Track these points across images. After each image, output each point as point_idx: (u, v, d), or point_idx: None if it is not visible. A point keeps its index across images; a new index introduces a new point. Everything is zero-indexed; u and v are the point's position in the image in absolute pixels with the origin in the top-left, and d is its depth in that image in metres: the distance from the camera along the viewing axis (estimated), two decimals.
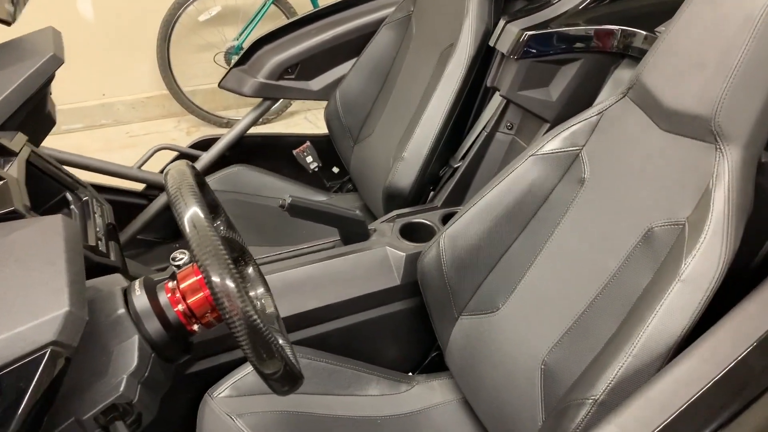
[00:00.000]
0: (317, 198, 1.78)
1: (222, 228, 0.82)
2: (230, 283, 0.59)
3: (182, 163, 0.70)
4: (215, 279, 0.59)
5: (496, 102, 1.37)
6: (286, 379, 0.66)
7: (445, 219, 1.32)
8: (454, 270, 1.09)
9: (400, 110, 1.51)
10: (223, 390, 1.05)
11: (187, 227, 0.61)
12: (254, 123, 1.79)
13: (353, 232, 1.25)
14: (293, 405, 1.06)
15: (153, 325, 0.67)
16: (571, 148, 1.01)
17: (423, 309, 1.18)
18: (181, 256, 0.85)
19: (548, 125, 1.22)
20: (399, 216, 1.33)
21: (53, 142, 3.01)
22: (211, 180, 1.70)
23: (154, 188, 1.77)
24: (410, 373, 1.28)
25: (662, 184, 0.88)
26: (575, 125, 1.01)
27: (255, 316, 0.60)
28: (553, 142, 1.02)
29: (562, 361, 0.93)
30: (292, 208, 1.16)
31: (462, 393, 1.14)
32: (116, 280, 0.72)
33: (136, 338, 0.66)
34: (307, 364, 1.11)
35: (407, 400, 1.15)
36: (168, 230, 1.76)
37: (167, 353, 0.68)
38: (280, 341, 0.75)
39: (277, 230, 1.52)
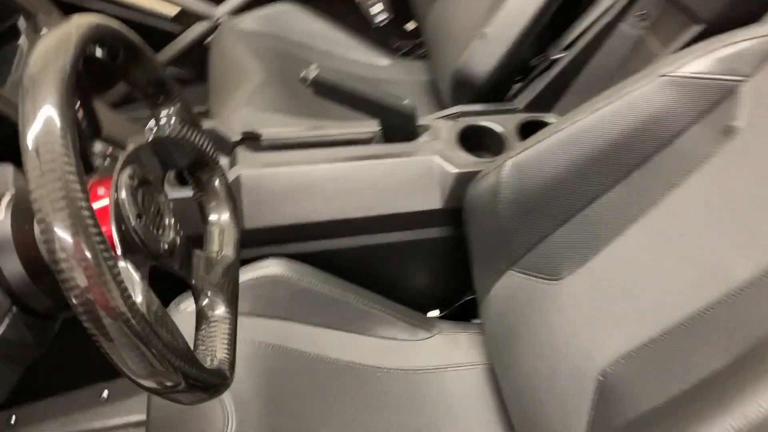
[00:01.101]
0: (378, 62, 1.49)
1: (173, 120, 0.58)
2: (87, 251, 0.36)
3: (79, 21, 0.44)
4: (62, 236, 0.36)
5: None
6: (195, 392, 0.45)
7: (525, 129, 1.02)
8: (513, 210, 0.83)
9: None
10: (190, 303, 0.87)
11: (29, 145, 0.37)
12: None
13: (397, 128, 0.98)
14: (277, 336, 0.88)
15: (12, 266, 0.46)
16: (727, 77, 0.68)
17: (465, 241, 0.93)
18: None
19: (700, 28, 0.86)
20: (464, 114, 1.04)
21: None
22: (251, 18, 1.42)
23: (190, 14, 1.52)
24: (436, 311, 1.07)
25: None
26: (741, 42, 0.68)
27: (132, 320, 0.38)
28: (701, 62, 0.70)
29: (630, 380, 0.68)
30: (318, 85, 0.90)
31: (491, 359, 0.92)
32: None
33: None
34: (305, 289, 0.91)
35: (422, 352, 0.95)
36: (198, 69, 1.53)
37: (37, 306, 0.48)
38: (220, 311, 0.54)
39: (316, 98, 1.27)
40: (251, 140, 0.97)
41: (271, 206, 0.90)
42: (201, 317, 0.54)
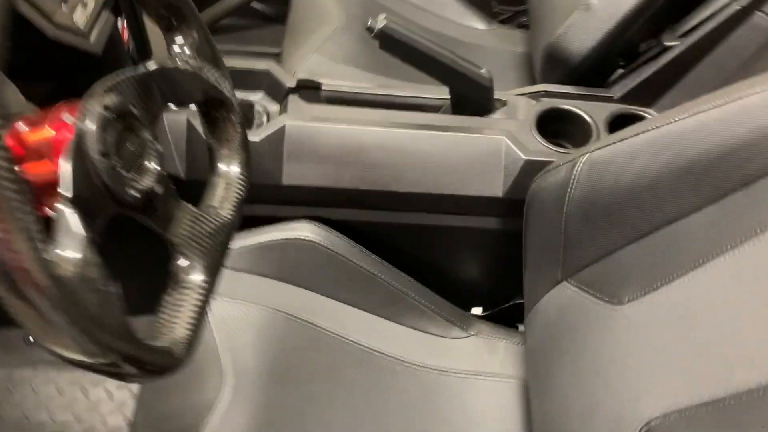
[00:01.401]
0: (473, 25, 1.37)
1: (187, 51, 0.51)
2: None
3: None
4: None
5: None
6: (134, 373, 0.39)
7: (618, 122, 0.89)
8: (581, 213, 0.72)
9: None
10: None
11: None
12: None
13: (469, 99, 0.88)
14: (295, 306, 0.82)
15: None
16: None
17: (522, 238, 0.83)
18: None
19: None
20: (549, 94, 0.92)
21: None
22: None
23: None
24: (478, 309, 0.97)
25: None
26: None
27: (43, 283, 0.31)
28: None
29: None
30: (384, 37, 0.81)
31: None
32: None
33: None
34: (336, 260, 0.84)
35: (453, 352, 0.86)
36: (284, 7, 1.46)
37: None
38: (196, 277, 0.47)
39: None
40: (308, 89, 0.90)
41: (313, 164, 0.83)
42: (173, 280, 0.47)
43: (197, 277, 0.47)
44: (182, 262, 0.47)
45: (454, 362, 0.85)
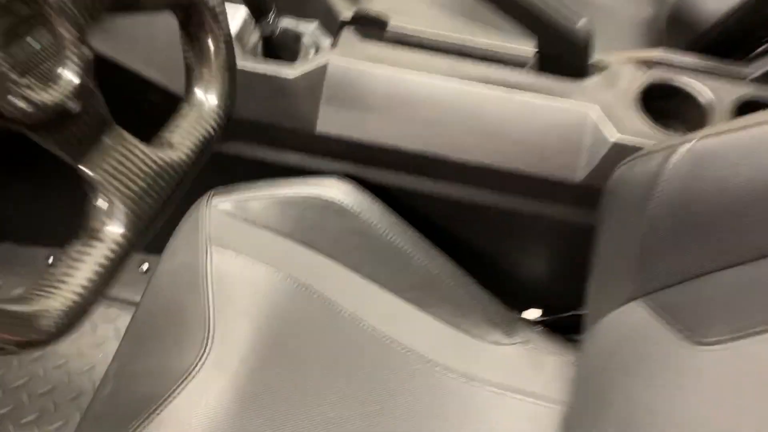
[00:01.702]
0: None
1: None
2: None
3: None
4: None
5: None
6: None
7: (746, 109, 0.71)
8: (669, 218, 0.56)
9: None
10: (225, 200, 0.72)
11: None
12: None
13: (560, 57, 0.72)
14: (310, 274, 0.71)
15: None
16: None
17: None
18: None
19: None
20: (663, 63, 0.75)
21: None
22: None
23: None
24: (533, 310, 0.83)
25: None
26: None
27: None
28: None
29: None
30: None
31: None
32: None
33: None
34: (364, 228, 0.72)
35: (489, 360, 0.73)
36: None
37: None
38: (113, 229, 0.36)
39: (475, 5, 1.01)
40: (367, 25, 0.77)
41: (355, 112, 0.71)
42: (84, 225, 0.37)
43: (114, 228, 0.37)
44: (100, 203, 0.37)
45: (487, 372, 0.71)
